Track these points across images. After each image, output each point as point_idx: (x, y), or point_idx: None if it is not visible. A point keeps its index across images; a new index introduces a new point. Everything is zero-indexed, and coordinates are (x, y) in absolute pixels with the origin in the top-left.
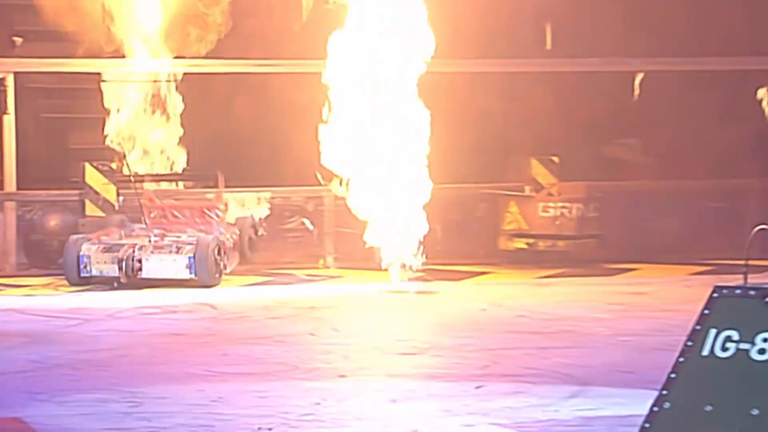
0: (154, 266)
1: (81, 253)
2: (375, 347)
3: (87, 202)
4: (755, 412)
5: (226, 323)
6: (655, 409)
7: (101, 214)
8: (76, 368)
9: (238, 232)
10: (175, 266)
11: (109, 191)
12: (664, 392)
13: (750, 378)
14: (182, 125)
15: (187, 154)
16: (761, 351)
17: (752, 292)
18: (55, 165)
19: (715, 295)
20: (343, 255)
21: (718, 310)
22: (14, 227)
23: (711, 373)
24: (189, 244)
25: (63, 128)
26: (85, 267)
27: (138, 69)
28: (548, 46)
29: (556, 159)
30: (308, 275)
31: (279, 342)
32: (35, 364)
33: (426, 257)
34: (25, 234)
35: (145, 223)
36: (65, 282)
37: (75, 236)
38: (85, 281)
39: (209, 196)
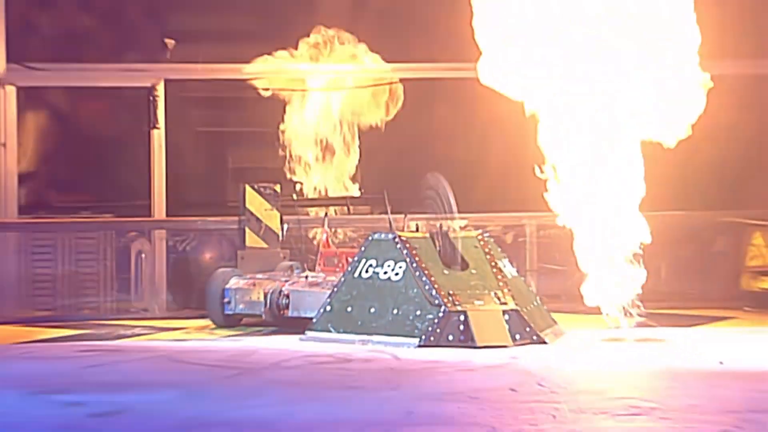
0: (301, 303)
1: (226, 287)
2: (588, 407)
3: (247, 230)
4: (372, 309)
5: (411, 376)
6: (320, 310)
7: (263, 245)
8: (235, 427)
9: None
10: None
11: (272, 218)
12: (328, 300)
13: (376, 289)
14: (360, 145)
15: (359, 176)
16: (385, 273)
17: (390, 236)
18: (212, 187)
19: (369, 239)
20: (547, 296)
21: (369, 248)
22: (164, 260)
23: (356, 288)
24: None
25: (221, 144)
26: (229, 303)
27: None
28: None
29: None
30: None
31: (473, 399)
32: (191, 421)
33: (647, 299)
34: (176, 268)
35: (315, 270)
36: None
37: (223, 269)
38: (229, 320)
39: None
